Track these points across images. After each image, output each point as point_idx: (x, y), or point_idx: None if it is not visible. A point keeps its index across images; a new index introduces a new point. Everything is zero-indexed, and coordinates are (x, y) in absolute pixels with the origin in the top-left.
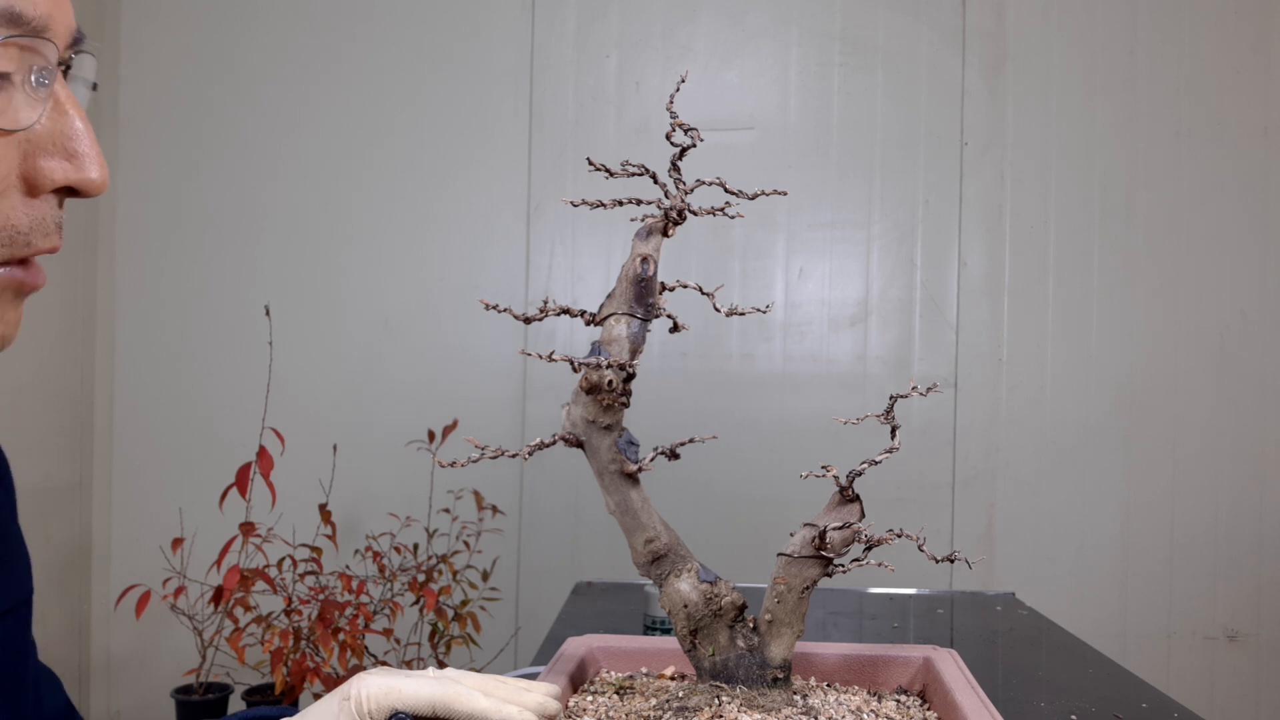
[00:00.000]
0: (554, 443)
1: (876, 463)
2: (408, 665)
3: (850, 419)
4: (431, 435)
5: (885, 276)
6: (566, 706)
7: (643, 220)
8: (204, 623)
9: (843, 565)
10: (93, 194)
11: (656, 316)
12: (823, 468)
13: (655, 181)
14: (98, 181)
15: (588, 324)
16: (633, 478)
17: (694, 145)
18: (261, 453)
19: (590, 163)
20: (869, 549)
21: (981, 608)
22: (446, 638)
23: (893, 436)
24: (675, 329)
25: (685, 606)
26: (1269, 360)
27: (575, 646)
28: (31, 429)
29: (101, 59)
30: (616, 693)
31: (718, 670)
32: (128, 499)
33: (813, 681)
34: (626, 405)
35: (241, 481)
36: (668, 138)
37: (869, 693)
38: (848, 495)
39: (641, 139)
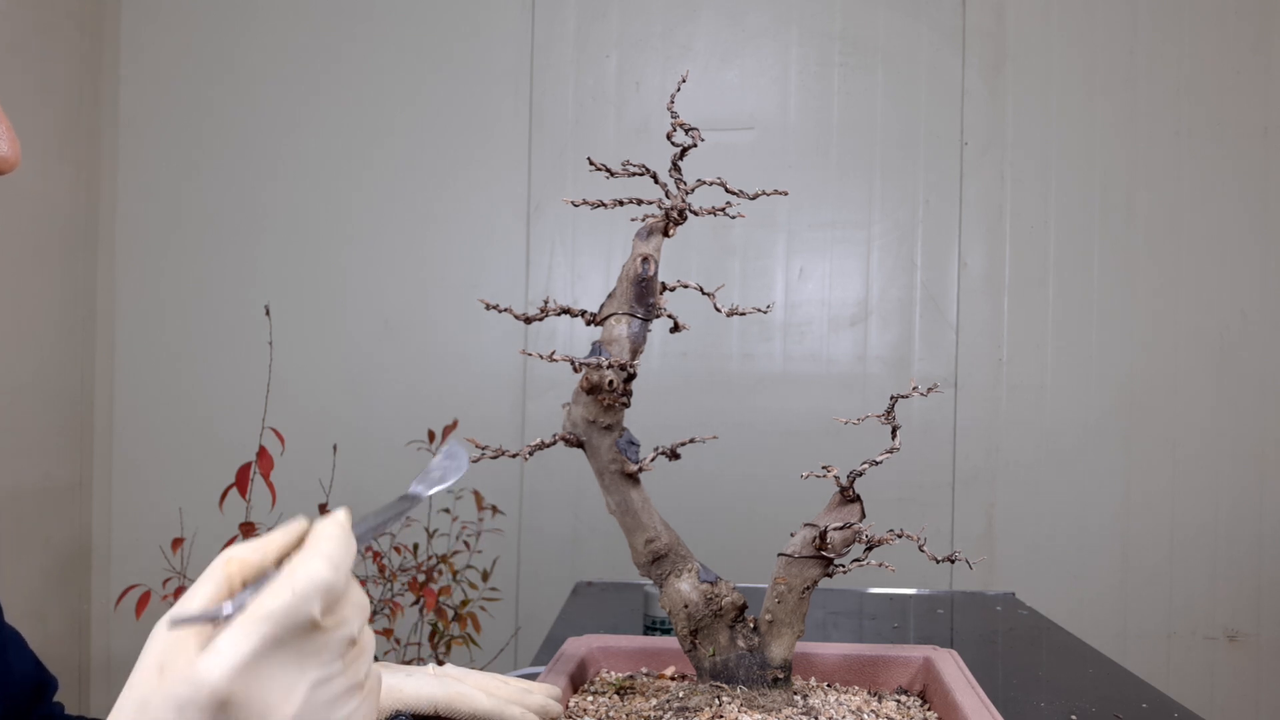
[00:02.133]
0: (554, 443)
1: (877, 463)
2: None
3: (850, 419)
4: (431, 435)
5: (885, 276)
6: (567, 707)
7: (643, 220)
8: None
9: (843, 565)
10: (3, 172)
11: (657, 316)
12: (823, 468)
13: (656, 181)
14: (9, 158)
15: (588, 324)
16: (633, 478)
17: (694, 145)
18: (261, 453)
19: (590, 163)
20: (869, 549)
21: (981, 608)
22: (446, 638)
23: (893, 436)
24: (675, 329)
25: (686, 606)
26: (1269, 360)
27: (575, 646)
28: (31, 429)
29: (101, 59)
30: (617, 693)
31: (718, 670)
32: (128, 499)
33: (813, 681)
34: (627, 405)
35: (241, 481)
36: (668, 137)
37: (869, 693)
38: (848, 495)
39: (641, 139)
